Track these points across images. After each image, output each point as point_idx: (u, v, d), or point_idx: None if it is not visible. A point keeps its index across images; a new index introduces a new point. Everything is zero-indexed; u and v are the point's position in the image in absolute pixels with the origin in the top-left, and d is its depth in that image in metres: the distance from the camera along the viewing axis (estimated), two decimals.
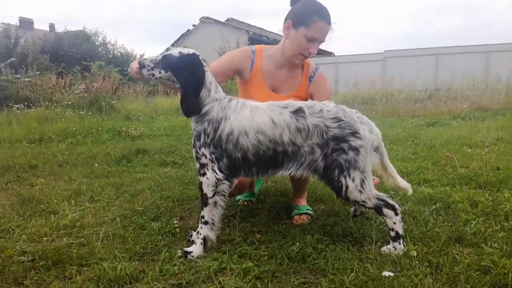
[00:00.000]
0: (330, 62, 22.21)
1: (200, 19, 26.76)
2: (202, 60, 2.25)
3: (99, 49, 27.91)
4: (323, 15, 2.55)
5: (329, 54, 26.59)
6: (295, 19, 2.59)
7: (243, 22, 28.14)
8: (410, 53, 21.60)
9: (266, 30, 27.76)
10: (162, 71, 2.22)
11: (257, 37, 24.48)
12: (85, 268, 2.06)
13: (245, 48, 2.89)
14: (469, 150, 4.63)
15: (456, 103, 11.83)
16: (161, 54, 2.27)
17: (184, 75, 2.20)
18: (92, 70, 14.62)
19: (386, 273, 1.88)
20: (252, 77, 2.76)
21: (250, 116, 2.18)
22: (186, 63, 2.19)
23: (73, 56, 23.83)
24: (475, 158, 4.20)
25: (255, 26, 28.23)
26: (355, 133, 2.14)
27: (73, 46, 25.33)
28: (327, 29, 2.58)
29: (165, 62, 2.21)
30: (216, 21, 26.34)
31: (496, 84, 13.95)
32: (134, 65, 2.35)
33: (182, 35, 27.20)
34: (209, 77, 2.23)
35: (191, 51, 2.23)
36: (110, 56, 26.82)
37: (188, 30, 27.14)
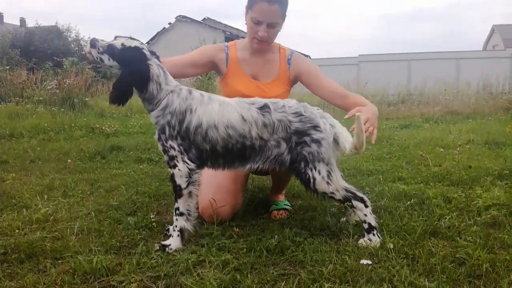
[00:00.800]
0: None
1: (176, 18, 26.53)
2: (147, 53, 2.17)
3: (72, 45, 27.29)
4: None
5: (305, 56, 26.80)
6: (247, 4, 2.60)
7: (220, 22, 28.08)
8: (384, 58, 22.02)
9: (243, 31, 27.75)
10: (110, 59, 2.18)
11: (234, 38, 24.36)
12: (59, 261, 2.01)
13: (218, 44, 2.91)
14: (442, 150, 4.74)
15: (428, 106, 12.14)
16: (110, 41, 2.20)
17: (125, 69, 2.15)
18: (64, 66, 14.27)
19: (364, 261, 1.91)
20: (229, 69, 2.75)
21: (220, 111, 2.18)
22: (127, 56, 2.14)
23: (44, 52, 23.23)
24: (447, 157, 4.31)
25: (232, 27, 28.22)
26: (316, 127, 2.19)
27: (44, 41, 24.67)
28: (271, 10, 2.50)
29: (109, 51, 2.17)
30: (192, 20, 26.18)
31: (467, 90, 14.40)
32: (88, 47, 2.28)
33: (158, 33, 26.91)
34: (155, 71, 2.17)
35: (133, 43, 2.15)
36: (83, 52, 26.17)
37: (164, 28, 26.86)
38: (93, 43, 2.19)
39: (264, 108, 2.21)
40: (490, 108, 11.44)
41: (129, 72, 2.14)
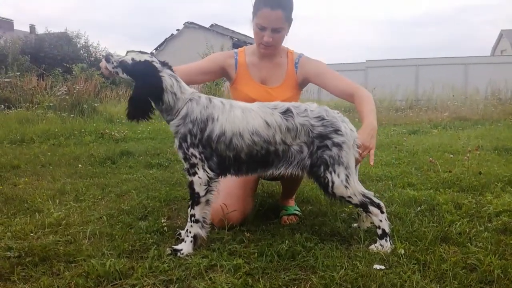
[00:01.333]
0: None
1: (184, 24, 26.77)
2: (157, 65, 2.19)
3: (81, 52, 27.60)
4: (267, 2, 2.52)
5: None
6: (252, 11, 2.64)
7: (228, 29, 28.24)
8: (391, 63, 22.00)
9: (250, 37, 27.84)
10: (124, 74, 2.23)
11: (241, 44, 24.54)
12: (73, 265, 2.03)
13: (228, 51, 2.95)
14: (451, 156, 4.73)
15: (436, 112, 12.09)
16: (123, 55, 2.25)
17: (138, 83, 2.19)
18: (73, 72, 14.42)
19: (377, 266, 1.92)
20: (238, 74, 2.79)
21: (244, 118, 2.19)
22: (138, 70, 2.17)
23: (54, 58, 23.53)
24: (457, 163, 4.30)
25: (239, 33, 28.34)
26: (337, 131, 2.20)
27: (54, 47, 24.99)
28: (274, 15, 2.52)
29: (122, 66, 2.21)
30: (200, 26, 26.37)
31: (475, 95, 14.31)
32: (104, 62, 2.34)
33: (166, 40, 27.15)
34: (168, 81, 2.18)
35: (143, 57, 2.18)
36: (92, 58, 26.53)
37: (172, 34, 27.09)
38: (108, 58, 2.25)
39: (286, 112, 2.22)
40: (499, 114, 11.36)
41: (142, 85, 2.17)
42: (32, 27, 38.03)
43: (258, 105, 2.28)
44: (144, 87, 2.17)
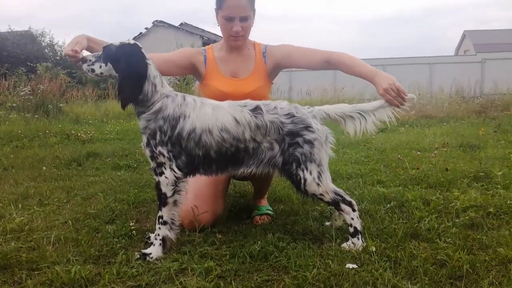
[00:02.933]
0: (283, 70, 22.50)
1: (153, 23, 26.36)
2: (144, 52, 2.16)
3: (46, 50, 26.83)
4: None
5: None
6: (216, 5, 2.65)
7: (197, 27, 27.99)
8: None
9: (220, 36, 27.69)
10: (103, 65, 2.15)
11: (211, 43, 24.32)
12: (36, 272, 1.95)
13: (196, 48, 2.93)
14: (418, 153, 4.82)
15: (403, 110, 12.32)
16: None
17: (123, 65, 2.11)
18: (38, 71, 14.01)
19: (350, 265, 1.92)
20: (208, 70, 2.75)
21: (213, 115, 2.17)
22: (125, 52, 2.11)
23: (17, 57, 22.75)
24: (424, 160, 4.38)
25: (209, 32, 28.15)
26: (308, 127, 2.20)
27: (17, 46, 24.20)
28: (239, 3, 2.55)
29: (105, 53, 2.14)
30: (169, 25, 26.04)
31: (440, 94, 14.69)
32: (69, 46, 2.26)
33: (134, 38, 26.64)
34: (152, 71, 2.16)
35: (132, 41, 2.18)
36: (58, 57, 25.80)
37: (141, 33, 26.63)
38: (84, 59, 2.19)
39: (256, 110, 2.20)
40: (462, 112, 11.67)
41: (126, 68, 2.09)
42: None
43: (229, 103, 2.26)
44: (128, 69, 2.09)
